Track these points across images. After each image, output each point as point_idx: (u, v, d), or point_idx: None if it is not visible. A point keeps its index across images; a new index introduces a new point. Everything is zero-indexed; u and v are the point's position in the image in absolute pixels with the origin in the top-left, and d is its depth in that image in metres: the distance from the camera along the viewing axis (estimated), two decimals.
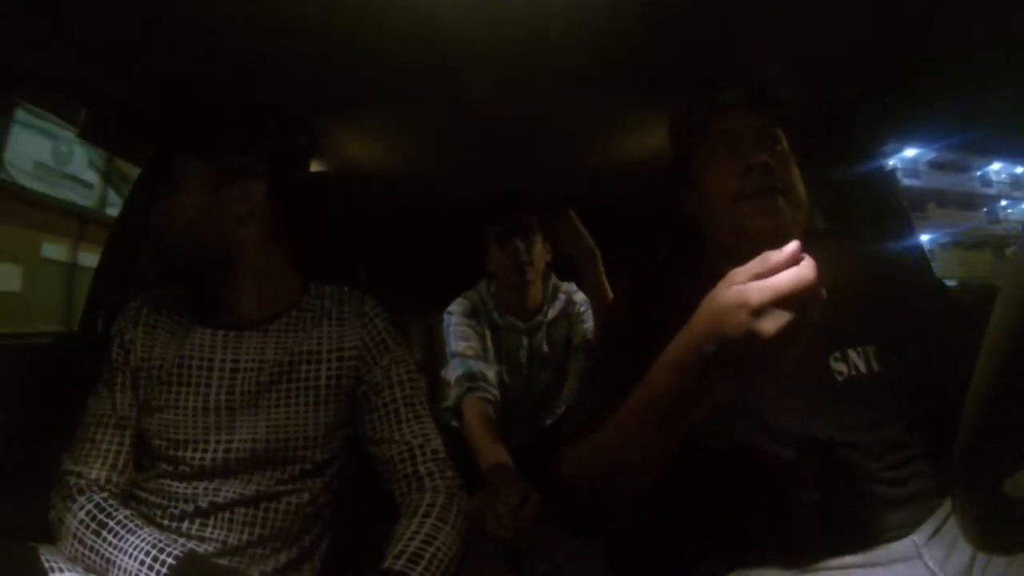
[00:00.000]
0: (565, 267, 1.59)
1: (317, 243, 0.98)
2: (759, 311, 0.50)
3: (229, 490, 0.78)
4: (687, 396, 0.57)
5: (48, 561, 0.67)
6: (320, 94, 1.06)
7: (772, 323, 0.50)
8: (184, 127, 0.86)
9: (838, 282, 0.80)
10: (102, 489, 0.76)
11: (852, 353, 0.76)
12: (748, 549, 0.72)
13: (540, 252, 1.51)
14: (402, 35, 0.86)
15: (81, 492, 0.75)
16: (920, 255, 1.27)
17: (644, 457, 0.64)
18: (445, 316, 1.52)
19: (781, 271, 0.50)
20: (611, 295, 1.42)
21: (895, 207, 1.25)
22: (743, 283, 0.51)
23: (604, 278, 1.43)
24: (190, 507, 0.77)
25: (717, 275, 0.81)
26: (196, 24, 0.83)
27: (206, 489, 0.78)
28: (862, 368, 0.76)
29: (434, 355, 1.72)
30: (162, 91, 1.02)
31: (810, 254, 0.82)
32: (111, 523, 0.71)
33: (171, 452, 0.79)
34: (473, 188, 1.59)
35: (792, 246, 0.51)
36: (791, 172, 0.79)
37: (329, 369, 0.85)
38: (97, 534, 0.70)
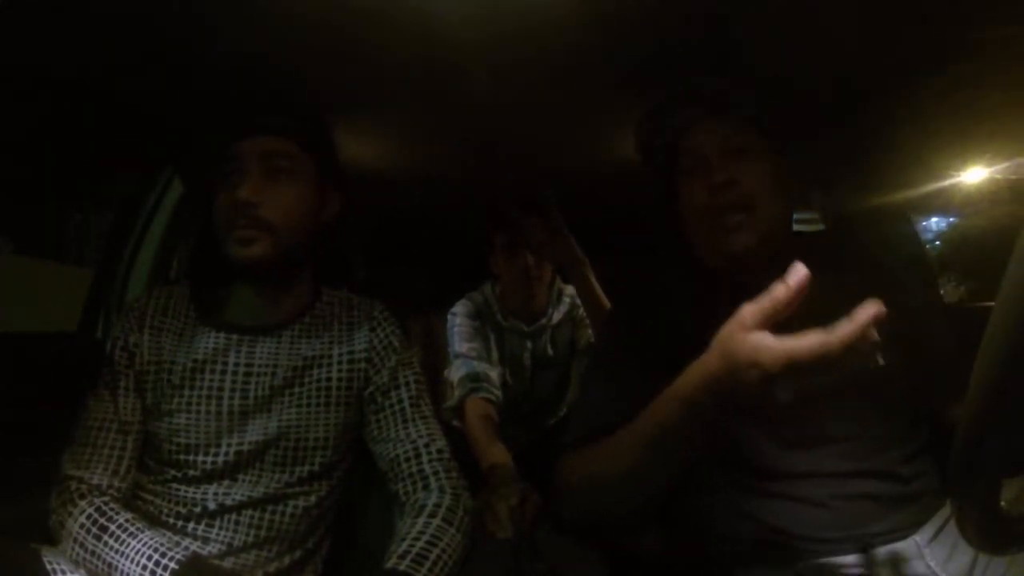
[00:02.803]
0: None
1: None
2: (773, 376, 0.48)
3: (237, 493, 0.78)
4: (692, 428, 0.57)
5: (51, 563, 0.67)
6: (319, 93, 1.06)
7: (786, 391, 0.48)
8: (293, 121, 0.85)
9: (840, 275, 0.81)
10: (103, 493, 0.75)
11: None
12: (750, 548, 0.72)
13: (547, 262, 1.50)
14: (401, 34, 0.86)
15: (82, 496, 0.74)
16: (918, 252, 1.27)
17: (648, 478, 0.64)
18: (449, 317, 1.52)
19: (790, 302, 0.48)
20: (605, 301, 1.41)
21: (894, 206, 1.25)
22: (752, 326, 0.50)
23: (596, 285, 1.41)
24: (197, 509, 0.77)
25: (710, 284, 0.82)
26: (197, 21, 0.83)
27: (215, 493, 0.78)
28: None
29: (434, 355, 1.73)
30: (162, 86, 1.02)
31: (810, 252, 0.82)
32: (112, 527, 0.70)
33: (181, 456, 0.78)
34: (473, 188, 1.59)
35: (797, 276, 0.48)
36: (762, 180, 0.77)
37: (340, 372, 0.85)
38: (98, 538, 0.69)
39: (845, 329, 0.46)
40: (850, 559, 0.69)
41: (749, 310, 0.50)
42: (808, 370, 0.47)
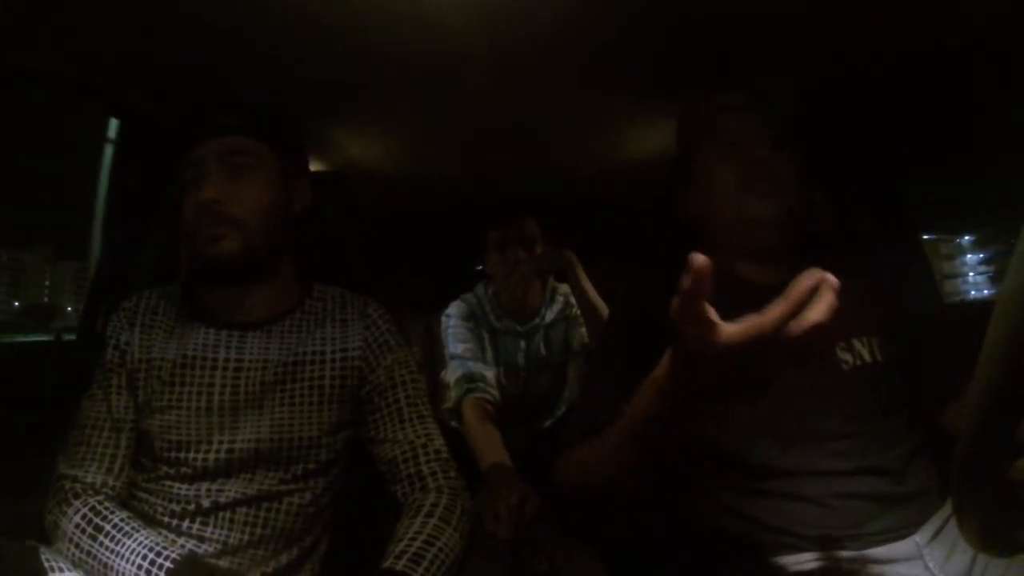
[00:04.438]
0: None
1: (318, 243, 0.98)
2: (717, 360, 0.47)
3: (231, 490, 0.78)
4: (667, 413, 0.57)
5: (49, 561, 0.66)
6: (319, 92, 1.06)
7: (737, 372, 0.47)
8: (249, 117, 0.87)
9: (844, 276, 0.82)
10: (97, 492, 0.75)
11: (857, 343, 0.77)
12: (748, 547, 0.72)
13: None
14: (402, 33, 0.86)
15: (76, 496, 0.73)
16: (917, 250, 1.27)
17: (632, 465, 0.64)
18: (443, 318, 1.52)
19: (695, 290, 0.44)
20: (597, 299, 1.42)
21: (896, 207, 1.25)
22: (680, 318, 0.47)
23: (588, 282, 1.43)
24: (191, 507, 0.76)
25: (721, 269, 0.83)
26: (195, 19, 0.83)
27: (208, 490, 0.77)
28: (867, 357, 0.77)
29: (434, 355, 1.72)
30: (160, 87, 1.02)
31: (813, 252, 0.83)
32: (107, 527, 0.70)
33: (173, 453, 0.78)
34: (472, 188, 1.59)
35: (697, 261, 0.44)
36: (789, 173, 0.80)
37: (333, 369, 0.85)
38: (93, 538, 0.69)
39: (775, 308, 0.44)
40: (849, 558, 0.69)
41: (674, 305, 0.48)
42: (756, 352, 0.45)
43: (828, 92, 1.10)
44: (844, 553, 0.69)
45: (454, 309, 1.52)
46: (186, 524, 0.76)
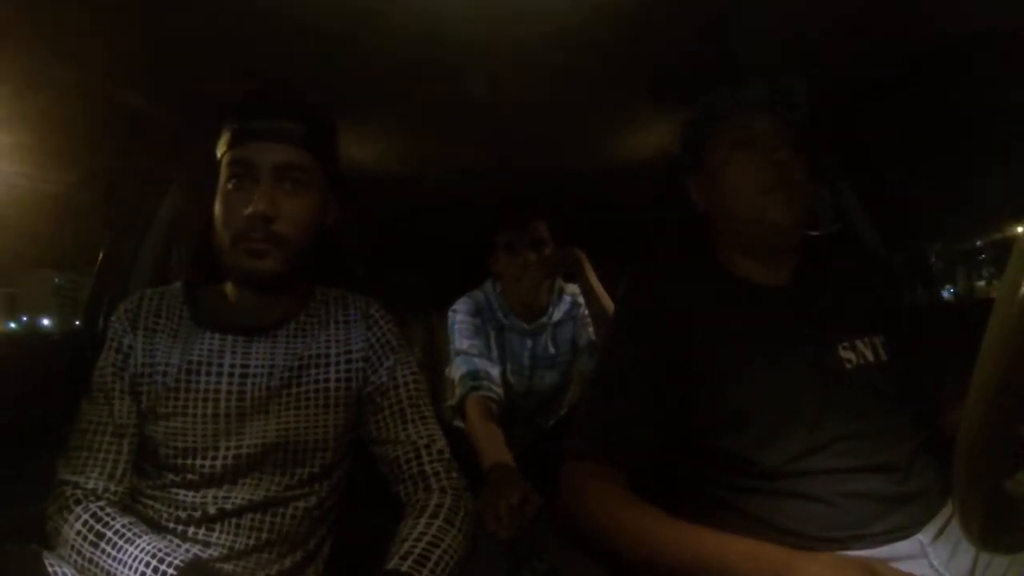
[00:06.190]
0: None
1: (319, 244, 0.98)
2: None
3: (237, 496, 0.77)
4: None
5: (52, 566, 0.66)
6: (319, 94, 1.05)
7: None
8: (308, 128, 0.83)
9: (846, 277, 0.82)
10: (99, 498, 0.74)
11: (860, 343, 0.78)
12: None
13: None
14: (401, 34, 0.86)
15: (78, 502, 0.73)
16: (917, 251, 1.27)
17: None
18: (450, 314, 1.52)
19: None
20: (605, 298, 1.42)
21: (896, 208, 1.25)
22: None
23: (596, 281, 1.44)
24: (197, 514, 0.76)
25: (725, 268, 0.83)
26: (195, 20, 0.83)
27: (215, 496, 0.77)
28: (870, 357, 0.77)
29: (434, 355, 1.72)
30: (160, 87, 1.02)
31: (818, 252, 0.83)
32: (108, 533, 0.69)
33: (179, 460, 0.77)
34: (474, 188, 1.59)
35: None
36: (804, 173, 0.81)
37: (338, 372, 0.85)
38: (95, 545, 0.69)
39: None
40: (853, 558, 0.69)
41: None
42: None
43: (828, 90, 1.10)
44: (849, 553, 0.69)
45: (462, 305, 1.52)
46: (192, 530, 0.76)
